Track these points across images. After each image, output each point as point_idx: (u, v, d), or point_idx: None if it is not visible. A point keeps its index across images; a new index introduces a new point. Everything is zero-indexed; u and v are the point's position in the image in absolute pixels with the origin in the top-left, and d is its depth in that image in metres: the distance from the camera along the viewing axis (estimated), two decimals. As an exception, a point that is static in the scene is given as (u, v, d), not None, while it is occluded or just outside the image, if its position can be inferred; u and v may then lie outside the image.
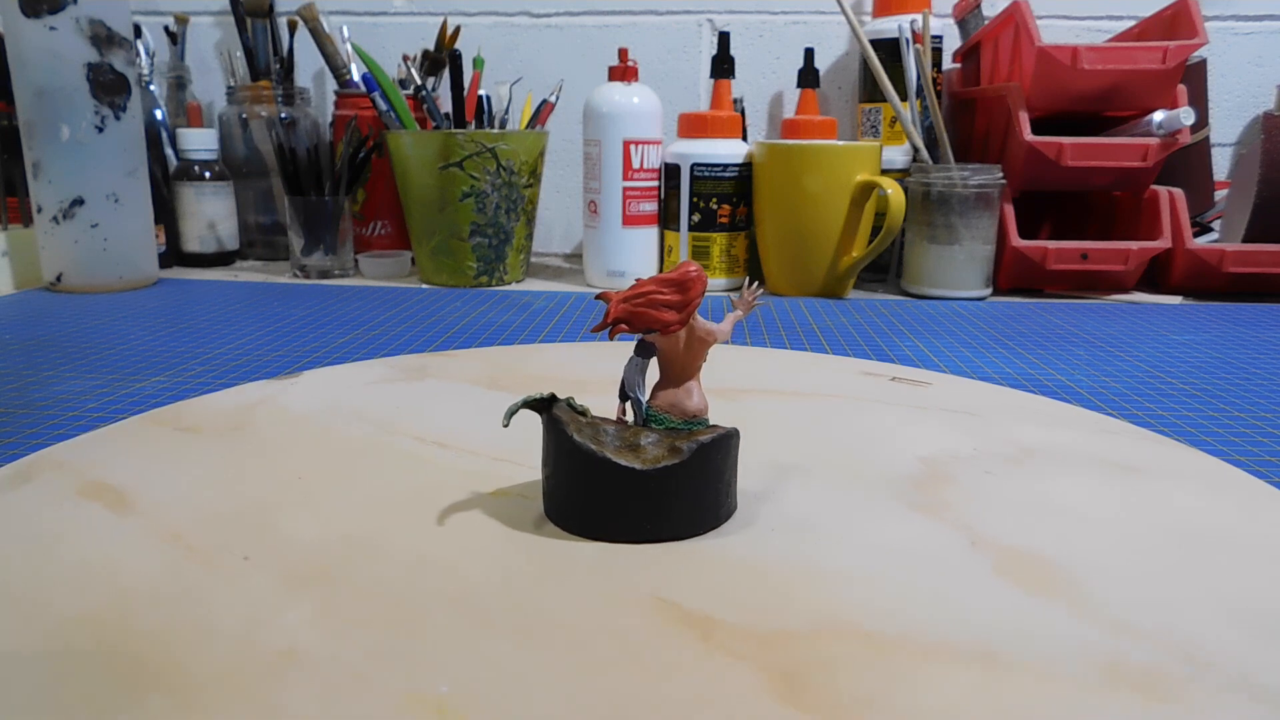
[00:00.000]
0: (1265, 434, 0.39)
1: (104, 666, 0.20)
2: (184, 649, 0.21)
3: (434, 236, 0.75)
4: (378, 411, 0.38)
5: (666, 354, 0.28)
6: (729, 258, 0.76)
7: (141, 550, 0.26)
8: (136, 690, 0.19)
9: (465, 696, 0.19)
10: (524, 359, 0.47)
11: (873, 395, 0.41)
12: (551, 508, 0.28)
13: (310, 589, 0.24)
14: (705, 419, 0.28)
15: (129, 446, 0.33)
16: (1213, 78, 0.86)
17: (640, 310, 0.26)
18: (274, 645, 0.21)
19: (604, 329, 0.26)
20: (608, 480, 0.26)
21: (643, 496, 0.26)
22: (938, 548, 0.26)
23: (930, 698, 0.19)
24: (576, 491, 0.27)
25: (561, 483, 0.27)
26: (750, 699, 0.19)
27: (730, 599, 0.23)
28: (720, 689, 0.19)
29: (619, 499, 0.26)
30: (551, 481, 0.27)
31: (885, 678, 0.20)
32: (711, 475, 0.27)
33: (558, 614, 0.23)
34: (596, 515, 0.26)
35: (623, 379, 0.28)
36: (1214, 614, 0.23)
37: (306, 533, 0.27)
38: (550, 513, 0.28)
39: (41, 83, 0.66)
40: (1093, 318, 0.64)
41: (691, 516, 0.27)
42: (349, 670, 0.20)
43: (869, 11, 0.85)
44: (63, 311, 0.63)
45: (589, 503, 0.27)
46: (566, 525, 0.27)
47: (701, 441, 0.26)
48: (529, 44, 0.93)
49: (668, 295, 0.26)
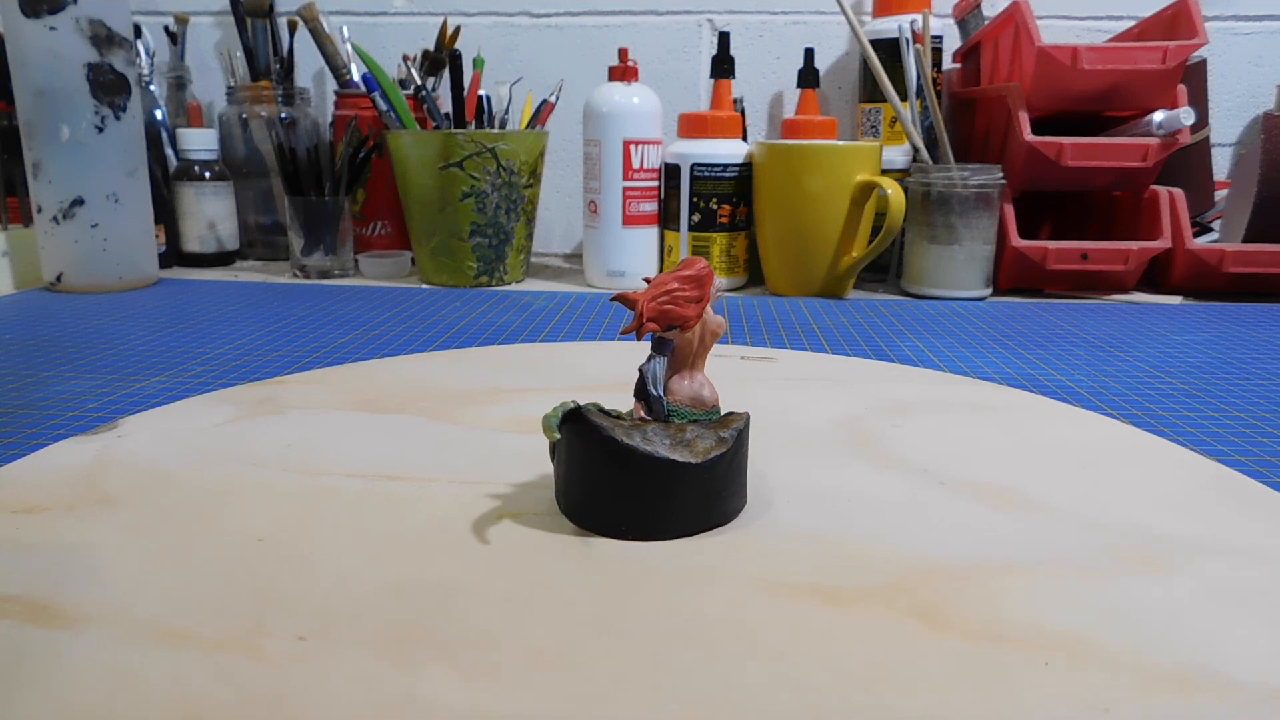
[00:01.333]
0: (1265, 434, 0.39)
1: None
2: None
3: (434, 236, 0.75)
4: (268, 452, 0.33)
5: (682, 349, 0.28)
6: (729, 258, 0.76)
7: (153, 665, 0.20)
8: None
9: (706, 715, 0.19)
10: (373, 375, 0.43)
11: (739, 374, 0.44)
12: (593, 518, 0.27)
13: (417, 652, 0.20)
14: (719, 408, 0.29)
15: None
16: (1213, 78, 0.86)
17: (667, 308, 0.27)
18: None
19: (637, 329, 0.27)
20: (668, 479, 0.26)
21: (700, 488, 0.27)
22: (922, 491, 0.30)
23: (1013, 605, 0.23)
24: (630, 495, 0.26)
25: (608, 490, 0.26)
26: (919, 637, 0.22)
27: (820, 566, 0.25)
28: (891, 636, 0.22)
29: (682, 494, 0.26)
30: (587, 490, 0.27)
31: (986, 596, 0.23)
32: (744, 459, 0.28)
33: (693, 617, 0.22)
34: (656, 515, 0.26)
35: (642, 377, 0.28)
36: (1139, 503, 0.29)
37: (337, 594, 0.23)
38: (590, 524, 0.27)
39: (41, 83, 0.66)
40: (1093, 318, 0.64)
41: (735, 501, 0.28)
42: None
43: (869, 11, 0.85)
44: (63, 311, 0.63)
45: (649, 504, 0.26)
46: (615, 532, 0.27)
47: (740, 428, 0.28)
48: (529, 44, 0.93)
49: (689, 291, 0.27)
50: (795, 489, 0.30)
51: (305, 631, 0.21)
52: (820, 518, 0.28)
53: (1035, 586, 0.24)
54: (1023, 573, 0.25)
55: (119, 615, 0.22)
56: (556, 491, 0.29)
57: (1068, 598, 0.23)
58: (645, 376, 0.28)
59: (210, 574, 0.24)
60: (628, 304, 0.27)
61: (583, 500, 0.27)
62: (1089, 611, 0.23)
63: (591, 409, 0.27)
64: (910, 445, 0.35)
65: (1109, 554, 0.26)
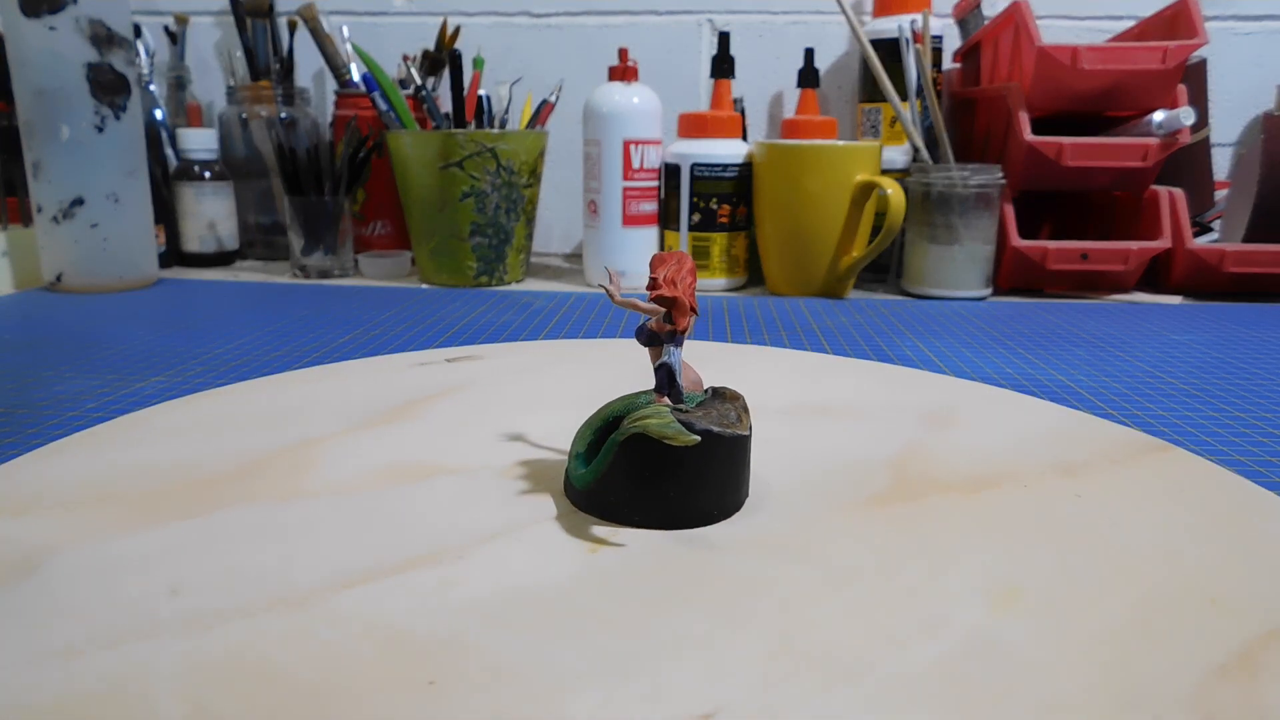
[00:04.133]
0: (1265, 434, 0.39)
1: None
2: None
3: (434, 236, 0.75)
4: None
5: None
6: (729, 258, 0.76)
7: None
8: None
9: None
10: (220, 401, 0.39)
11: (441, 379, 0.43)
12: (668, 512, 0.27)
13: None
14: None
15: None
16: (1213, 78, 0.86)
17: (687, 296, 0.27)
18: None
19: (685, 315, 0.27)
20: (741, 451, 0.27)
21: (747, 454, 0.28)
22: (876, 456, 0.32)
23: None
24: (714, 479, 0.27)
25: (695, 479, 0.27)
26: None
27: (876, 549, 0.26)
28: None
29: (745, 462, 0.28)
30: (636, 487, 0.27)
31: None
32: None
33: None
34: (729, 490, 0.27)
35: (669, 371, 0.28)
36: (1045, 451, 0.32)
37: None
38: (639, 518, 0.27)
39: (41, 83, 0.66)
40: (1093, 318, 0.64)
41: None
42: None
43: (869, 11, 0.85)
44: (63, 311, 0.63)
45: (724, 481, 0.27)
46: (706, 519, 0.27)
47: (740, 401, 0.29)
48: (529, 44, 0.93)
49: (691, 280, 0.28)
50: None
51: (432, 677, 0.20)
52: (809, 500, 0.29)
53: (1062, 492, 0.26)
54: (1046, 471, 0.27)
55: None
56: (606, 501, 0.27)
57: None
58: (672, 368, 0.28)
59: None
60: (666, 301, 0.27)
61: (622, 500, 0.27)
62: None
63: (662, 410, 0.27)
64: (829, 435, 0.35)
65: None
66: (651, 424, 0.26)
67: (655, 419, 0.26)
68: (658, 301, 0.27)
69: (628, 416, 0.27)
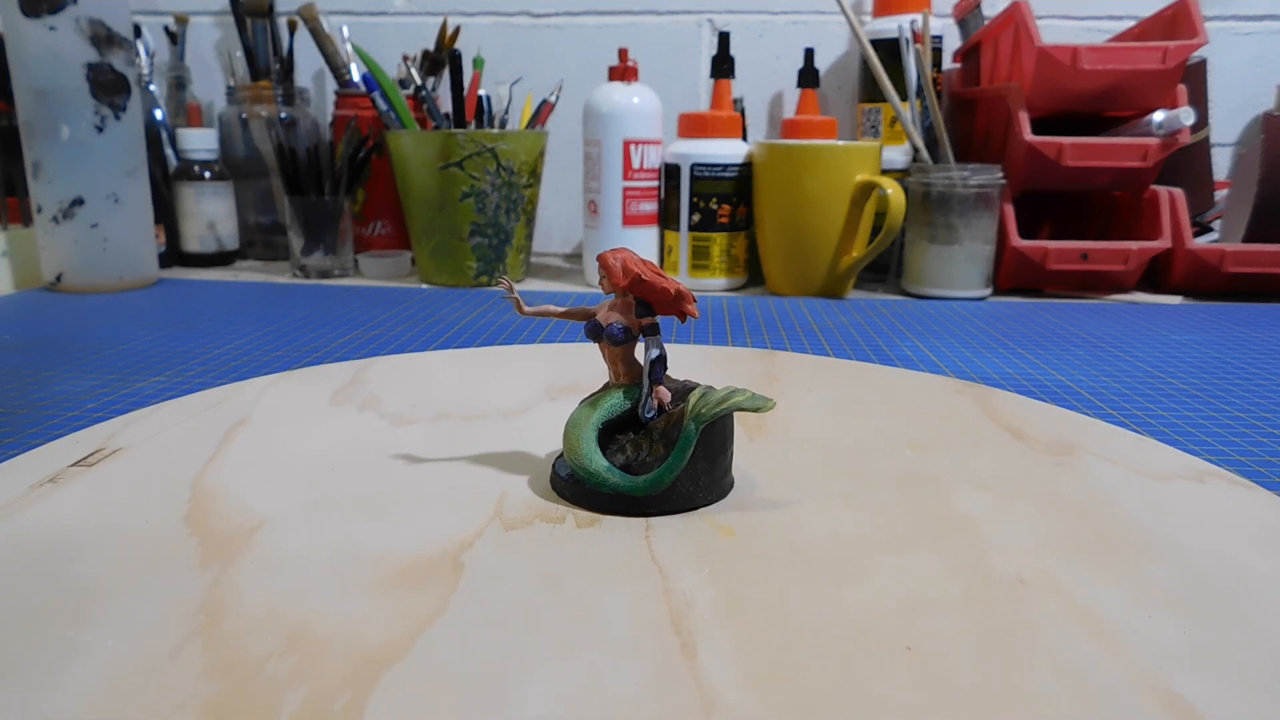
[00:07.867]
0: (1265, 434, 0.39)
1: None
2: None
3: (434, 236, 0.75)
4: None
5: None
6: (729, 258, 0.76)
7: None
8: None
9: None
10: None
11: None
12: (711, 494, 0.29)
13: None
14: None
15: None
16: (1213, 78, 0.86)
17: (672, 283, 0.28)
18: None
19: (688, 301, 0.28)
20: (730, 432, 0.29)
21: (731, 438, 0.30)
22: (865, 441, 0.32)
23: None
24: (725, 460, 0.29)
25: (723, 460, 0.29)
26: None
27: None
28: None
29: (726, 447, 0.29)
30: (704, 470, 0.28)
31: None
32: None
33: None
34: (725, 470, 0.29)
35: (665, 359, 0.29)
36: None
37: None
38: (711, 498, 0.29)
39: (41, 83, 0.66)
40: (1093, 318, 0.64)
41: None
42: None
43: (869, 11, 0.85)
44: (63, 311, 0.63)
45: (727, 460, 0.29)
46: (679, 506, 0.28)
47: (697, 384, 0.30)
48: (529, 44, 0.93)
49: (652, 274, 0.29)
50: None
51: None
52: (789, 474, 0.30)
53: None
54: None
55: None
56: (674, 493, 0.28)
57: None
58: (665, 360, 0.29)
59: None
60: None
61: (712, 475, 0.29)
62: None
63: (729, 389, 0.28)
64: (805, 420, 0.35)
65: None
66: (740, 401, 0.27)
67: (737, 396, 0.27)
68: (641, 294, 0.27)
69: (693, 405, 0.27)
